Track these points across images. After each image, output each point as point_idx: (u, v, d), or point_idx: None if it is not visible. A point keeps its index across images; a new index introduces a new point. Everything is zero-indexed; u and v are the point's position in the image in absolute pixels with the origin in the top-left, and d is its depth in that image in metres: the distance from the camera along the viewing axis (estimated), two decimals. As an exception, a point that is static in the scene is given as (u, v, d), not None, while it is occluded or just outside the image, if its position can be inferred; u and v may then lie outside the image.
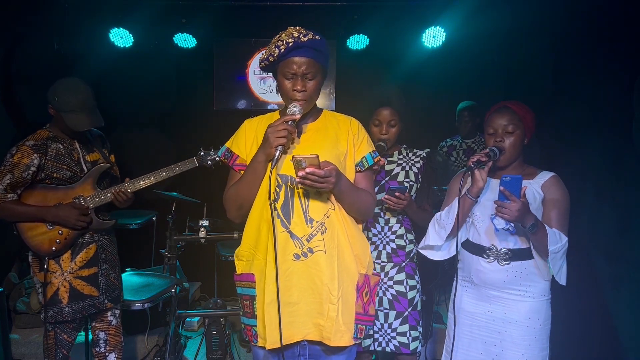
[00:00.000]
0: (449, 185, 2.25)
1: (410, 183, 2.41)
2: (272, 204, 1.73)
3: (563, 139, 3.30)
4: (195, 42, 4.53)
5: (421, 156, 2.46)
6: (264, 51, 1.79)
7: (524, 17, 3.72)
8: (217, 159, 2.68)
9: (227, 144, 1.94)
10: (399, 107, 2.38)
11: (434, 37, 4.32)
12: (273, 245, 1.72)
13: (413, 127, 2.58)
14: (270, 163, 1.71)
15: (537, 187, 2.02)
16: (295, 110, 1.74)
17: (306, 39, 1.71)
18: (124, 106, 4.46)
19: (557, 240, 1.88)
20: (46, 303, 2.40)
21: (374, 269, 2.38)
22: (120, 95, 4.44)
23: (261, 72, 4.71)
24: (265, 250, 1.77)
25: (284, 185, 1.77)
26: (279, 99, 1.95)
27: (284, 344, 1.72)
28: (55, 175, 2.39)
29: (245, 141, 1.89)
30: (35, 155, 2.33)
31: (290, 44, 1.70)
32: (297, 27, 1.75)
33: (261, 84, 4.75)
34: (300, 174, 1.63)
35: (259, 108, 4.74)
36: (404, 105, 2.41)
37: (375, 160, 1.92)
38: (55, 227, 2.40)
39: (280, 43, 1.73)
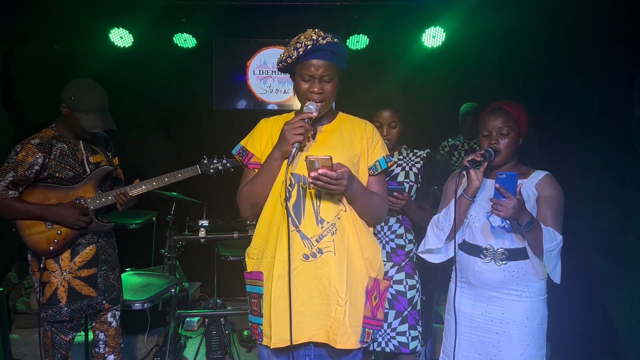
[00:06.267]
0: (445, 186, 2.25)
1: (410, 183, 2.41)
2: (284, 203, 1.73)
3: (563, 139, 3.30)
4: (195, 42, 4.53)
5: (421, 156, 2.46)
6: (282, 53, 1.80)
7: (524, 17, 3.72)
8: (220, 167, 2.70)
9: (242, 142, 1.94)
10: (399, 108, 2.39)
11: (434, 37, 4.32)
12: (282, 244, 1.72)
13: (413, 127, 2.58)
14: (285, 161, 1.72)
15: (531, 186, 2.01)
16: (312, 108, 1.74)
17: (325, 41, 1.72)
18: (123, 106, 4.43)
19: (552, 239, 1.88)
20: (44, 302, 2.40)
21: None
22: (120, 95, 4.41)
23: (261, 72, 4.71)
24: (274, 249, 1.77)
25: (296, 185, 1.77)
26: (278, 99, 1.95)
27: (289, 344, 1.71)
28: (57, 175, 2.39)
29: (260, 140, 1.89)
30: (39, 154, 2.34)
31: (309, 47, 1.71)
32: (316, 30, 1.76)
33: (261, 84, 4.74)
34: (312, 174, 1.62)
35: (258, 108, 4.74)
36: (404, 106, 2.42)
37: (389, 164, 1.92)
38: (54, 226, 2.40)
39: (298, 45, 1.73)
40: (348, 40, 4.44)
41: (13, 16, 3.67)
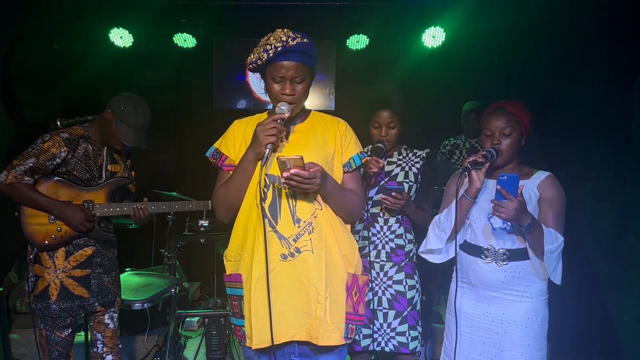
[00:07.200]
0: (446, 186, 2.24)
1: (410, 183, 2.41)
2: (260, 204, 1.73)
3: (563, 139, 3.30)
4: (195, 42, 4.53)
5: (421, 156, 2.46)
6: (252, 54, 1.79)
7: (524, 17, 3.72)
8: None
9: (216, 145, 1.94)
10: (398, 108, 2.39)
11: (433, 37, 4.32)
12: (259, 245, 1.72)
13: (413, 127, 2.58)
14: (259, 162, 1.72)
15: (533, 187, 2.01)
16: (283, 109, 1.74)
17: (294, 42, 1.71)
18: (123, 106, 4.46)
19: (553, 240, 1.88)
20: (36, 295, 2.42)
21: (373, 269, 2.39)
22: (120, 95, 4.44)
23: (261, 72, 4.71)
24: (252, 250, 1.77)
25: (271, 185, 1.78)
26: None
27: (271, 344, 1.72)
28: (75, 173, 2.43)
29: (234, 142, 1.89)
30: (64, 148, 2.38)
31: (279, 49, 1.71)
32: (285, 30, 1.76)
33: (261, 83, 4.64)
34: (285, 175, 1.63)
35: (258, 108, 4.73)
36: (403, 107, 2.42)
37: (363, 161, 1.92)
38: (56, 222, 2.41)
39: (268, 47, 1.73)
40: (348, 40, 4.44)
41: (13, 16, 3.67)
